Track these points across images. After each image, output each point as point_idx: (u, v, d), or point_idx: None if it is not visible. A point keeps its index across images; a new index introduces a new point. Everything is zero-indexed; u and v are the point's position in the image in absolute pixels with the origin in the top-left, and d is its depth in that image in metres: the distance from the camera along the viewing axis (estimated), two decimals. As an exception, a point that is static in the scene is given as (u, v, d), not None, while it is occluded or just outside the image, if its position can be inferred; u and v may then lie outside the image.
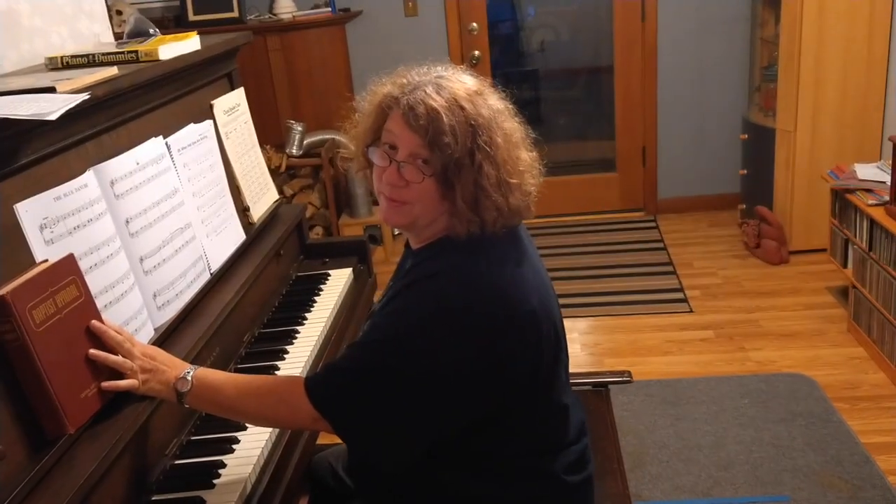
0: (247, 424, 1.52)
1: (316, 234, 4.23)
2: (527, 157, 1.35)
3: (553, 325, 1.36)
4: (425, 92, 1.27)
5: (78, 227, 1.36)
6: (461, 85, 1.30)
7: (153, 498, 1.34)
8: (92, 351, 1.28)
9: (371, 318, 1.50)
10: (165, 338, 1.51)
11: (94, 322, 1.30)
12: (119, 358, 1.31)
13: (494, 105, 1.31)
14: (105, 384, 1.29)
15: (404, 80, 1.33)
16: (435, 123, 1.25)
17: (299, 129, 4.13)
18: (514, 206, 1.31)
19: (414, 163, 1.28)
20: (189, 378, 1.34)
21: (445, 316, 1.25)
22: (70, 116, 1.31)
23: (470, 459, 1.36)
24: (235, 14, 4.22)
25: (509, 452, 1.36)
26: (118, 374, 1.32)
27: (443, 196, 1.29)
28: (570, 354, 1.46)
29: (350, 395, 1.28)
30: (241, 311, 1.79)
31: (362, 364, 1.29)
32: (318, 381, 1.31)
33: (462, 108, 1.26)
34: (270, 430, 1.51)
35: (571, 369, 1.48)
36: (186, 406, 1.37)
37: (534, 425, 1.37)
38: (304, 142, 4.16)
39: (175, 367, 1.37)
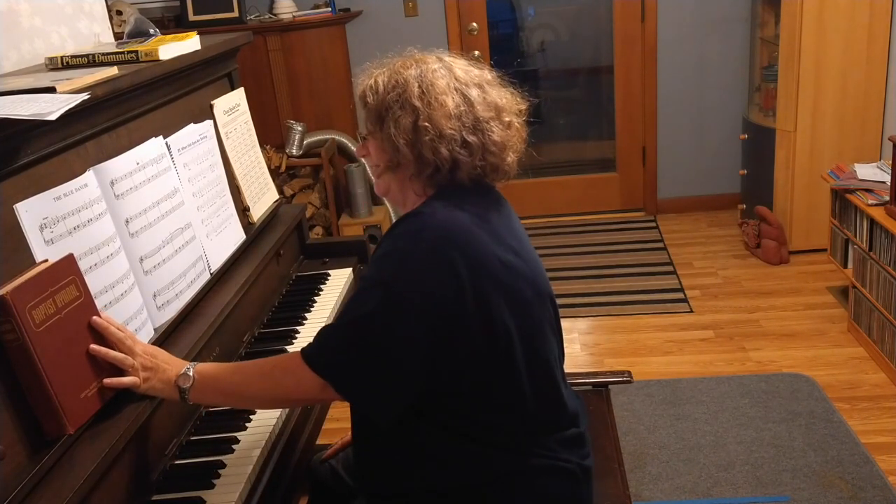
0: (246, 424, 1.52)
1: (316, 234, 4.23)
2: (453, 102, 1.33)
3: (535, 288, 1.37)
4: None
5: (78, 227, 1.36)
6: (404, 59, 1.40)
7: (153, 498, 1.34)
8: (93, 346, 1.28)
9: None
10: (165, 338, 1.51)
11: (96, 318, 1.30)
12: (120, 354, 1.31)
13: (433, 66, 1.37)
14: (107, 380, 1.29)
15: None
16: (364, 91, 1.39)
17: (299, 129, 4.13)
18: (471, 146, 1.33)
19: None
20: (190, 374, 1.35)
21: (427, 248, 1.27)
22: (70, 116, 1.31)
23: (465, 426, 1.34)
24: (235, 14, 4.22)
25: (504, 424, 1.35)
26: (119, 371, 1.32)
27: (392, 161, 1.36)
28: (570, 354, 1.45)
29: (343, 350, 1.29)
30: (240, 311, 1.79)
31: (351, 316, 1.30)
32: (314, 346, 1.32)
33: (396, 71, 1.36)
34: (270, 429, 1.51)
35: (572, 369, 1.48)
36: (190, 402, 1.37)
37: (522, 392, 1.35)
38: (304, 142, 4.16)
39: (175, 366, 1.37)
